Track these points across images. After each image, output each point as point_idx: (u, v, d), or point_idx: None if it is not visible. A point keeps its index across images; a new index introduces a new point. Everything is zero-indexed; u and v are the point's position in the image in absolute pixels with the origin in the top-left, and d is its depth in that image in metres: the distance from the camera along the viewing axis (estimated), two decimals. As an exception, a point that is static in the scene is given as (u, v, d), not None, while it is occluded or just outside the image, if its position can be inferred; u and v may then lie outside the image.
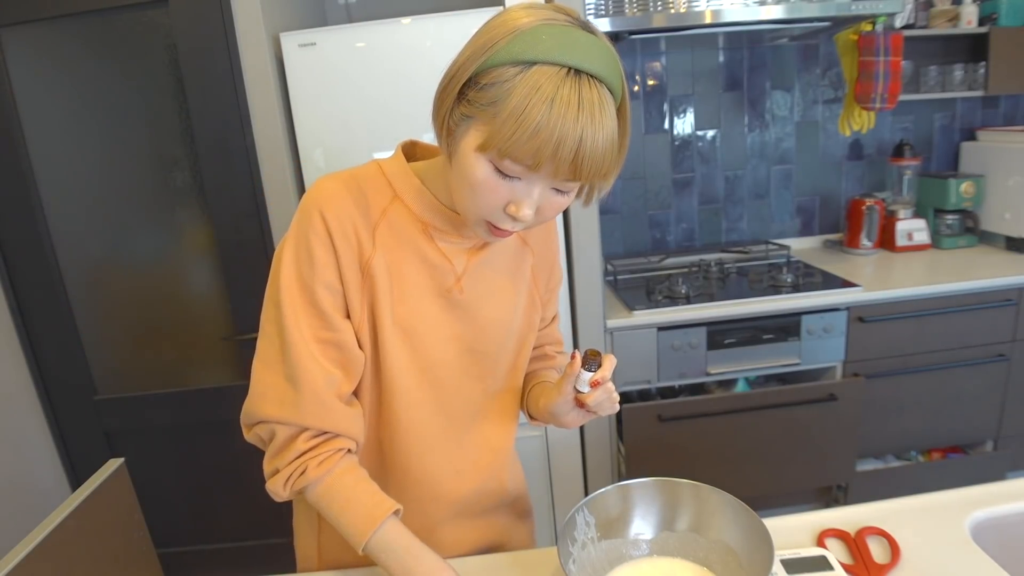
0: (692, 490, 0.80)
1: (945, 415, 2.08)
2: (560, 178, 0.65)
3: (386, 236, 0.76)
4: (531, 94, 0.60)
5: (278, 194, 1.77)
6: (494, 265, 0.83)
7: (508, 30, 0.62)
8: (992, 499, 0.90)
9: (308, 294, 0.74)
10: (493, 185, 0.65)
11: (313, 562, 0.92)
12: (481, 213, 0.69)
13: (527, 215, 0.66)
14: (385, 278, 0.76)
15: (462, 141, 0.66)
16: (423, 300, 0.78)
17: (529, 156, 0.62)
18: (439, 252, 0.78)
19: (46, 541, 0.82)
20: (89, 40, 1.73)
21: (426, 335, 0.79)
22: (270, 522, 2.11)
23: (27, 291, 1.87)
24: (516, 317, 0.87)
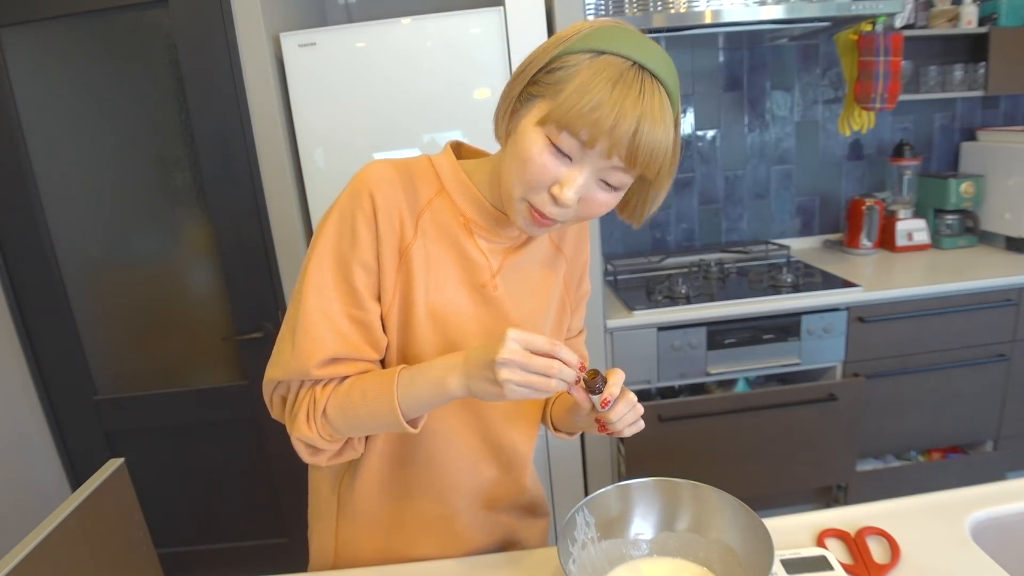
0: (692, 490, 0.80)
1: (945, 415, 2.08)
2: (612, 160, 0.65)
3: (428, 225, 0.77)
4: (597, 74, 0.64)
5: (278, 194, 1.77)
6: (529, 267, 0.84)
7: (583, 27, 0.68)
8: (992, 499, 0.90)
9: (343, 270, 0.75)
10: (544, 160, 0.67)
11: (329, 555, 0.92)
12: (526, 190, 0.69)
13: (569, 197, 0.67)
14: (422, 265, 0.77)
15: (523, 119, 0.69)
16: (458, 292, 0.79)
17: (586, 129, 0.64)
18: (477, 248, 0.80)
19: (46, 541, 0.83)
20: (89, 40, 1.73)
21: (458, 326, 0.80)
22: (270, 522, 2.12)
23: (27, 291, 1.87)
24: (548, 320, 0.88)
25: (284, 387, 0.79)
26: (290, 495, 2.06)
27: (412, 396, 0.73)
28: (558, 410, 0.91)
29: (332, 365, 0.76)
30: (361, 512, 0.89)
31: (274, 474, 2.05)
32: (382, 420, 0.74)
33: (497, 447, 0.89)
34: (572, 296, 0.93)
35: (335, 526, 0.91)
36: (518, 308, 0.83)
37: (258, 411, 1.98)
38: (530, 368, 0.65)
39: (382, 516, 0.89)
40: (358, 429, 0.78)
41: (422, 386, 0.72)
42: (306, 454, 0.80)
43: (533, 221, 0.71)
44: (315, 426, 0.76)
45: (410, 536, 0.90)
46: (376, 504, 0.88)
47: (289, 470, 2.03)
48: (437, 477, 0.87)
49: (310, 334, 0.74)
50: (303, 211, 1.82)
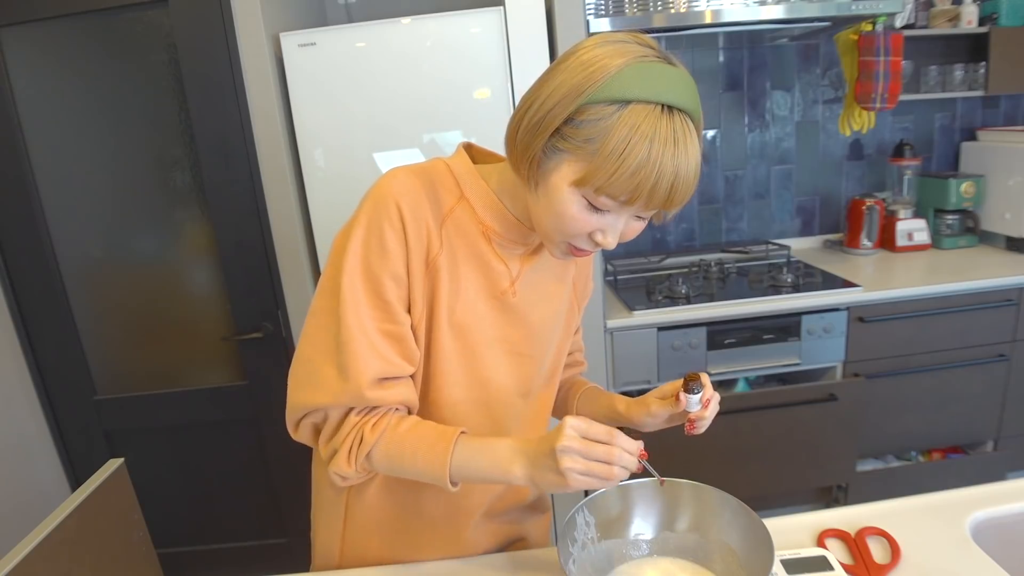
0: (692, 490, 0.80)
1: (945, 415, 2.08)
2: (650, 210, 0.68)
3: (451, 234, 0.77)
4: (631, 134, 0.62)
5: (278, 194, 1.77)
6: (544, 272, 0.85)
7: (603, 70, 0.63)
8: (992, 499, 0.90)
9: (374, 284, 0.74)
10: (584, 217, 0.68)
11: (334, 557, 0.92)
12: (565, 237, 0.71)
13: (612, 243, 0.70)
14: (446, 275, 0.77)
15: (553, 174, 0.68)
16: (478, 300, 0.80)
17: (626, 193, 0.64)
18: (497, 255, 0.80)
19: (46, 541, 0.83)
20: (89, 40, 1.73)
21: (477, 334, 0.80)
22: (270, 522, 2.12)
23: (27, 291, 1.87)
24: (559, 325, 0.89)
25: (320, 415, 0.77)
26: (290, 495, 2.06)
27: (467, 470, 0.73)
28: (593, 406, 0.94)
29: (380, 387, 0.75)
30: (370, 515, 0.89)
31: (274, 474, 2.05)
32: (426, 477, 0.75)
33: None
34: (579, 296, 0.94)
35: (342, 528, 0.91)
36: (533, 314, 0.84)
37: (258, 411, 1.98)
38: (591, 456, 0.66)
39: (390, 519, 0.89)
40: (398, 475, 0.79)
41: (482, 466, 0.73)
42: (338, 481, 0.80)
43: (573, 255, 0.74)
44: (355, 464, 0.76)
45: (417, 539, 0.90)
46: (385, 507, 0.88)
47: (289, 470, 2.03)
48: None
49: (357, 355, 0.73)
50: (303, 211, 1.82)
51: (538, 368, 0.87)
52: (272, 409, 1.98)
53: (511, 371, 0.84)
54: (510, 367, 0.84)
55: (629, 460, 0.67)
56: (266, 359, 1.92)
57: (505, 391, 0.85)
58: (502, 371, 0.84)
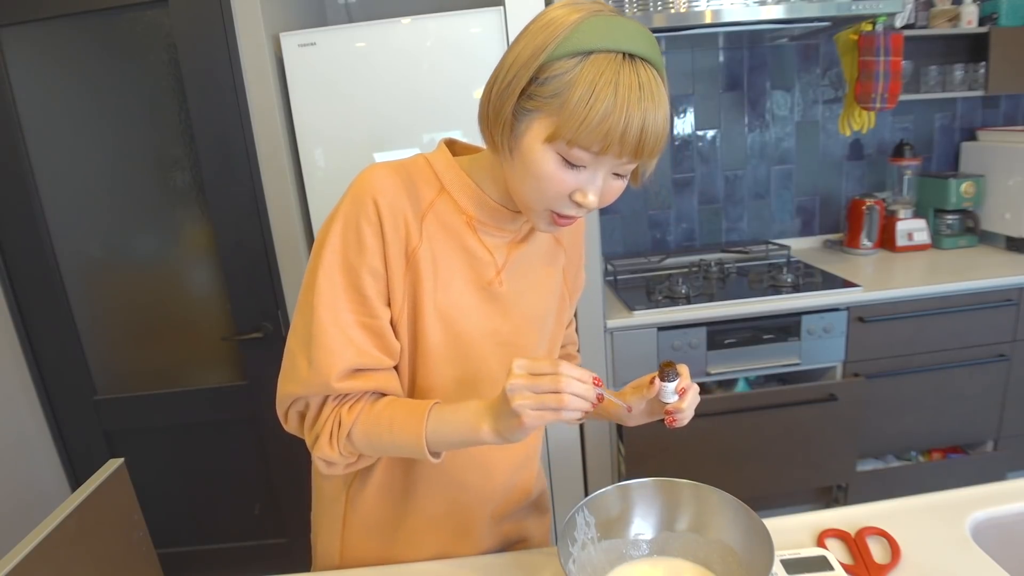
0: (692, 490, 0.80)
1: (945, 415, 2.08)
2: (624, 160, 0.67)
3: (432, 227, 0.77)
4: (596, 80, 0.63)
5: (278, 194, 1.77)
6: (532, 261, 0.85)
7: (561, 26, 0.65)
8: (992, 499, 0.90)
9: (353, 278, 0.75)
10: (561, 176, 0.68)
11: (334, 558, 0.92)
12: (546, 203, 0.71)
13: (593, 201, 0.69)
14: (429, 268, 0.77)
15: (526, 136, 0.68)
16: (464, 291, 0.80)
17: (597, 142, 0.64)
18: (482, 245, 0.80)
19: (46, 541, 0.82)
20: (89, 40, 1.73)
21: (466, 326, 0.80)
22: (270, 522, 2.12)
23: (27, 291, 1.87)
24: (550, 315, 0.88)
25: (302, 403, 0.79)
26: (290, 495, 2.06)
27: (441, 435, 0.73)
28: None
29: (352, 377, 0.75)
30: (370, 515, 0.89)
31: (274, 474, 2.05)
32: (407, 451, 0.75)
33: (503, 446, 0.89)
34: (570, 287, 0.93)
35: (342, 528, 0.91)
36: (522, 303, 0.84)
37: (258, 411, 1.98)
38: (539, 389, 0.65)
39: (391, 519, 0.89)
40: (381, 453, 0.79)
41: (454, 427, 0.73)
42: (323, 468, 0.80)
43: (555, 223, 0.73)
44: (338, 447, 0.77)
45: (418, 539, 0.90)
46: (385, 507, 0.88)
47: (289, 470, 2.03)
48: (447, 478, 0.87)
49: (327, 347, 0.74)
50: (303, 211, 1.82)
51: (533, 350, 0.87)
52: (272, 409, 1.97)
53: (502, 362, 0.83)
54: (501, 358, 0.83)
55: (579, 387, 0.66)
56: (266, 359, 1.92)
57: (496, 383, 0.83)
58: (492, 363, 0.83)
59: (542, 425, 0.67)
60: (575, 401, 0.66)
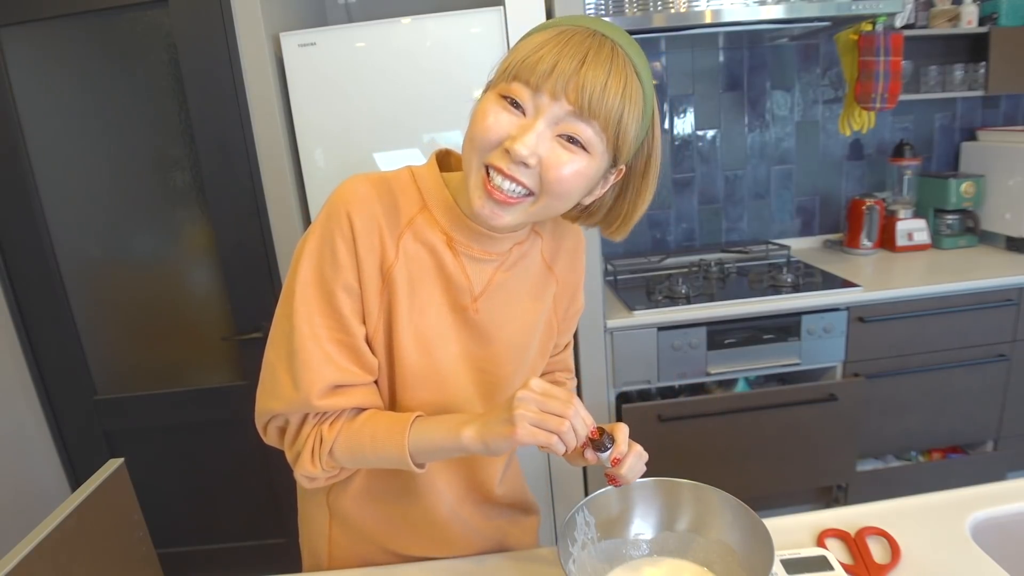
0: (692, 490, 0.80)
1: (945, 415, 2.08)
2: (561, 102, 0.62)
3: (410, 245, 0.75)
4: (544, 28, 0.66)
5: (278, 194, 1.77)
6: (516, 289, 0.82)
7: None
8: (992, 499, 0.90)
9: (327, 295, 0.73)
10: (497, 115, 0.65)
11: (323, 559, 0.92)
12: (480, 153, 0.66)
13: (519, 150, 0.63)
14: (405, 287, 0.75)
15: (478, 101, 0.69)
16: (440, 315, 0.78)
17: (529, 70, 0.62)
18: (460, 268, 0.77)
19: (46, 541, 0.82)
20: (89, 40, 1.73)
21: (441, 349, 0.78)
22: (270, 522, 2.12)
23: (27, 291, 1.87)
24: (531, 347, 0.86)
25: (282, 419, 0.78)
26: (290, 495, 2.05)
27: (424, 444, 0.73)
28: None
29: (332, 395, 0.74)
30: (352, 517, 0.89)
31: (274, 474, 2.05)
32: (390, 463, 0.75)
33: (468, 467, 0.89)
34: (560, 315, 0.90)
35: (328, 531, 0.91)
36: (500, 333, 0.81)
37: (258, 411, 1.98)
38: (546, 407, 0.65)
39: (373, 520, 0.89)
40: (363, 466, 0.79)
41: (437, 436, 0.72)
42: (305, 483, 0.80)
43: (487, 193, 0.66)
44: (320, 463, 0.76)
45: (401, 539, 0.90)
46: (366, 509, 0.88)
47: (289, 470, 2.03)
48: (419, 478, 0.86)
49: (308, 365, 0.72)
50: (303, 211, 1.82)
51: (506, 388, 0.84)
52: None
53: (478, 389, 0.82)
54: (476, 385, 0.82)
55: (580, 425, 0.66)
56: (266, 359, 1.92)
57: (474, 408, 0.82)
58: (469, 388, 0.82)
59: (528, 444, 0.66)
60: (571, 434, 0.66)
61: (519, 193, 0.66)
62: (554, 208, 0.69)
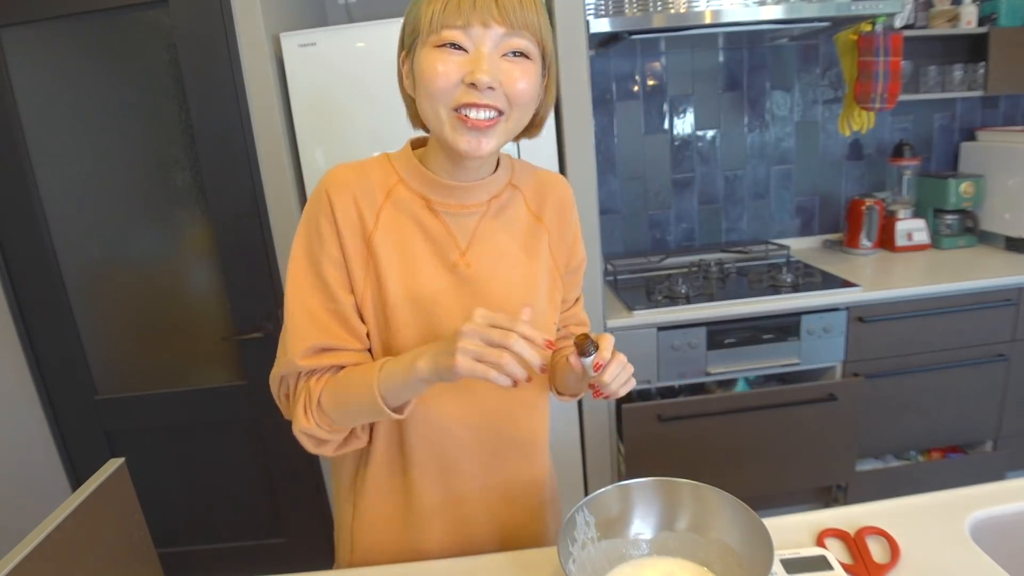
0: (692, 490, 0.80)
1: (945, 415, 2.08)
2: (500, 31, 0.70)
3: (391, 215, 0.81)
4: None
5: (278, 194, 1.77)
6: (505, 242, 0.85)
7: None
8: (992, 499, 0.90)
9: (315, 267, 0.80)
10: (444, 62, 0.71)
11: (346, 554, 0.95)
12: (444, 102, 0.72)
13: (482, 78, 0.69)
14: (392, 252, 0.80)
15: (414, 65, 0.75)
16: (433, 275, 0.82)
17: (453, 13, 0.69)
18: (443, 225, 0.82)
19: (46, 541, 0.82)
20: (89, 40, 1.73)
21: (437, 307, 0.81)
22: (270, 522, 2.12)
23: (27, 291, 1.87)
24: (537, 291, 0.87)
25: (286, 384, 0.84)
26: (290, 495, 2.06)
27: (389, 382, 0.75)
28: (555, 370, 0.92)
29: (317, 356, 0.80)
30: (374, 504, 0.90)
31: (274, 474, 2.05)
32: (368, 408, 0.76)
33: (498, 431, 0.89)
34: (562, 266, 0.93)
35: (350, 524, 0.93)
36: (495, 284, 0.84)
37: (258, 411, 1.98)
38: (487, 339, 0.66)
39: (391, 511, 0.90)
40: (351, 417, 0.80)
41: (398, 370, 0.75)
42: (311, 445, 0.82)
43: (465, 125, 0.72)
44: (313, 417, 0.79)
45: (421, 526, 0.91)
46: (385, 494, 0.90)
47: (289, 470, 2.03)
48: (439, 463, 0.87)
49: (295, 330, 0.80)
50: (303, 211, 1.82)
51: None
52: (272, 409, 1.97)
53: None
54: None
55: (527, 351, 0.66)
56: (266, 359, 1.91)
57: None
58: None
59: (471, 376, 0.67)
60: (513, 365, 0.66)
61: (491, 116, 0.73)
62: (520, 120, 0.77)
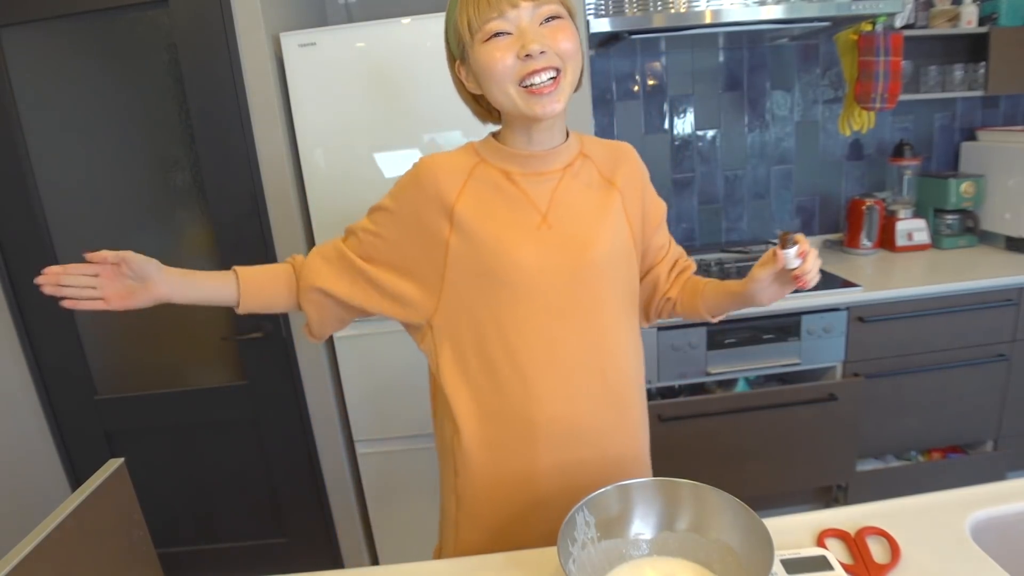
0: (692, 490, 0.80)
1: (945, 415, 2.08)
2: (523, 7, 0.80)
3: (475, 190, 0.90)
4: None
5: (278, 194, 1.77)
6: (579, 202, 0.92)
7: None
8: (992, 499, 0.90)
9: (373, 216, 0.95)
10: (499, 50, 0.81)
11: (450, 545, 1.00)
12: (510, 79, 0.82)
13: (535, 47, 0.80)
14: (476, 219, 0.88)
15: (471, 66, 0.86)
16: (522, 238, 0.88)
17: (486, 9, 0.80)
18: (522, 192, 0.91)
19: (46, 541, 0.82)
20: (89, 40, 1.73)
21: (531, 268, 0.88)
22: (270, 522, 2.12)
23: (27, 291, 1.87)
24: (612, 250, 0.93)
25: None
26: (290, 495, 2.06)
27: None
28: (716, 295, 0.98)
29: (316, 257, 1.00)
30: (473, 464, 0.94)
31: (274, 474, 2.05)
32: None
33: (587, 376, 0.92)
34: (637, 223, 0.98)
35: (455, 517, 0.98)
36: (574, 239, 0.90)
37: (258, 411, 1.98)
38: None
39: (490, 507, 0.95)
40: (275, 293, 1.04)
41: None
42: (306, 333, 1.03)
43: (533, 95, 0.82)
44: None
45: (534, 521, 0.94)
46: (477, 431, 0.93)
47: (289, 470, 2.03)
48: (561, 453, 0.92)
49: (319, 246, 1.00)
50: (303, 211, 1.82)
51: (603, 291, 0.92)
52: (272, 409, 1.98)
53: (577, 298, 0.90)
54: (574, 294, 0.90)
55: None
56: (266, 359, 1.92)
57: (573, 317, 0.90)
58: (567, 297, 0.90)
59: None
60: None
61: (552, 77, 0.83)
62: (576, 72, 0.86)
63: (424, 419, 1.90)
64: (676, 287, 1.05)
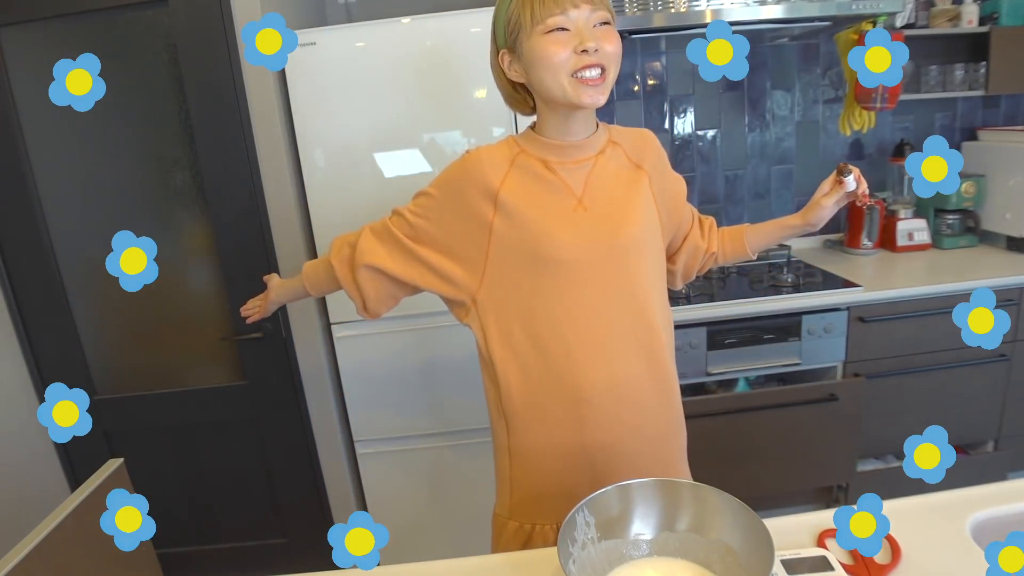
0: (692, 490, 0.80)
1: (945, 415, 2.08)
2: (588, 9, 0.88)
3: (517, 178, 0.98)
4: None
5: (278, 194, 1.77)
6: (611, 186, 1.01)
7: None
8: (992, 499, 0.90)
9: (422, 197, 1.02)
10: (556, 43, 0.89)
11: (507, 501, 1.07)
12: (564, 70, 0.89)
13: (591, 44, 0.88)
14: (519, 203, 0.96)
15: (524, 53, 0.92)
16: (560, 221, 0.97)
17: (552, 4, 0.88)
18: (560, 180, 0.99)
19: (46, 541, 0.82)
20: (89, 40, 1.73)
21: (570, 246, 0.96)
22: (270, 522, 2.12)
23: (27, 291, 1.87)
24: (642, 227, 1.01)
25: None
26: (290, 495, 2.06)
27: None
28: (766, 234, 1.17)
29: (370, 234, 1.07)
30: (522, 423, 1.01)
31: (274, 474, 2.05)
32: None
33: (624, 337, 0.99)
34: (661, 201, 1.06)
35: (509, 473, 1.05)
36: (608, 220, 0.98)
37: (258, 411, 1.98)
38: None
39: (542, 453, 1.01)
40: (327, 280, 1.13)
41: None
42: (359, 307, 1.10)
43: (584, 85, 0.90)
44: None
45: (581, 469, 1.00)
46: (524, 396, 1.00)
47: (289, 470, 2.03)
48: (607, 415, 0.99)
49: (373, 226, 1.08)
50: (303, 211, 1.82)
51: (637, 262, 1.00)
52: (272, 409, 1.98)
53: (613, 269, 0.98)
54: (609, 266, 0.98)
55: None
56: (266, 359, 1.92)
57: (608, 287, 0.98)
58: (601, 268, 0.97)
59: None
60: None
61: (600, 73, 0.91)
62: (615, 72, 0.94)
63: (424, 419, 1.90)
64: (714, 242, 1.20)
